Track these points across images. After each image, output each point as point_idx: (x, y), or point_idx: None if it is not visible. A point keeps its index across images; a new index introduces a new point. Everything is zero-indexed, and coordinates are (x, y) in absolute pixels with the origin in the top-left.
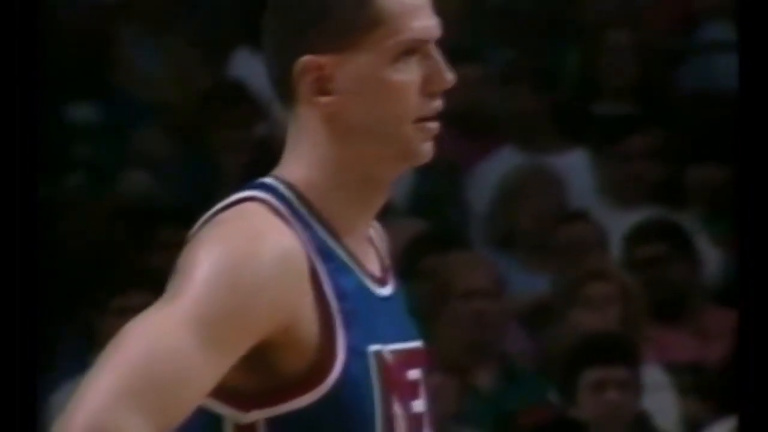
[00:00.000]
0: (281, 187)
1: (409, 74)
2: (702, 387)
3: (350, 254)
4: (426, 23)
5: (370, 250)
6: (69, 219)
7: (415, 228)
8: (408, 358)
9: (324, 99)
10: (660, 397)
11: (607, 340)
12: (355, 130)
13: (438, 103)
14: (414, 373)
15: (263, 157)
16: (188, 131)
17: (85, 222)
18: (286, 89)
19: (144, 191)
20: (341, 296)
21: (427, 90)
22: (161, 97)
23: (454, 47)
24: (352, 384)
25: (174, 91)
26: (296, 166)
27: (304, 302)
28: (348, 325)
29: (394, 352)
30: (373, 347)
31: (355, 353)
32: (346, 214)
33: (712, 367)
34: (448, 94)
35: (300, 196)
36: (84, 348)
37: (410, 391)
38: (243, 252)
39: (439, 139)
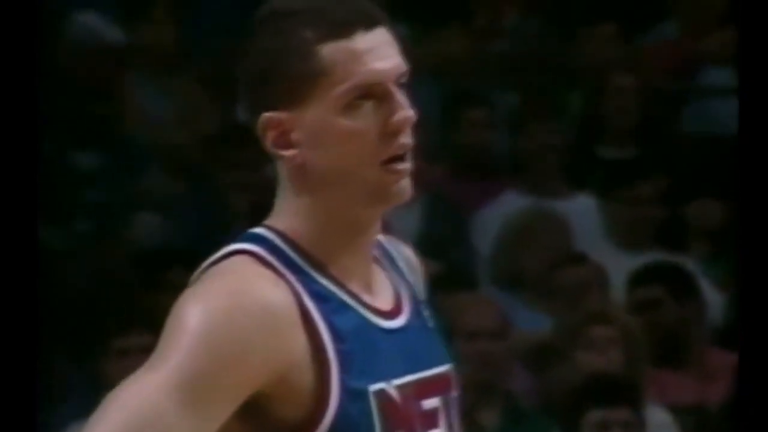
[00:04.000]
0: (272, 237)
1: (363, 119)
2: (704, 428)
3: (349, 293)
4: (377, 65)
5: (380, 284)
6: (78, 262)
7: (427, 269)
8: (422, 389)
9: (287, 153)
10: None
11: (609, 381)
12: (322, 179)
13: (403, 142)
14: (430, 402)
15: (272, 198)
16: (197, 173)
17: (94, 264)
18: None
19: (153, 233)
20: (338, 338)
21: (387, 131)
22: (169, 139)
23: (459, 91)
24: (348, 426)
25: (182, 132)
26: (283, 215)
27: (296, 350)
28: (345, 367)
29: (403, 386)
30: (375, 386)
31: (353, 395)
32: (338, 257)
33: (714, 409)
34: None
35: (292, 243)
36: (89, 389)
37: (425, 421)
38: (223, 311)
39: (440, 181)
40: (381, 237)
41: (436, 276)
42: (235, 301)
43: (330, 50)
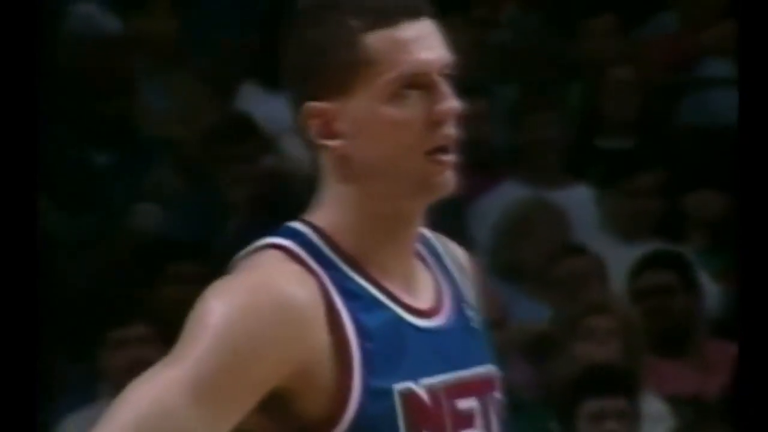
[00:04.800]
0: (306, 231)
1: (408, 108)
2: (701, 419)
3: (383, 290)
4: (423, 55)
5: (421, 282)
6: (78, 255)
7: None
8: (457, 389)
9: (331, 143)
10: (659, 429)
11: (606, 371)
12: (366, 169)
13: (448, 133)
14: (466, 403)
15: (271, 191)
16: (196, 166)
17: (94, 257)
18: (305, 136)
19: (154, 225)
20: (364, 336)
21: (431, 121)
22: (169, 132)
23: (459, 83)
24: (370, 425)
25: (182, 126)
26: (323, 209)
27: (318, 348)
28: (369, 366)
29: (433, 386)
30: (401, 385)
31: (376, 394)
32: (377, 252)
33: (712, 400)
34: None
35: (326, 238)
36: (87, 380)
37: (458, 421)
38: (243, 308)
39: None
40: (428, 233)
41: None
42: (256, 298)
43: (375, 39)
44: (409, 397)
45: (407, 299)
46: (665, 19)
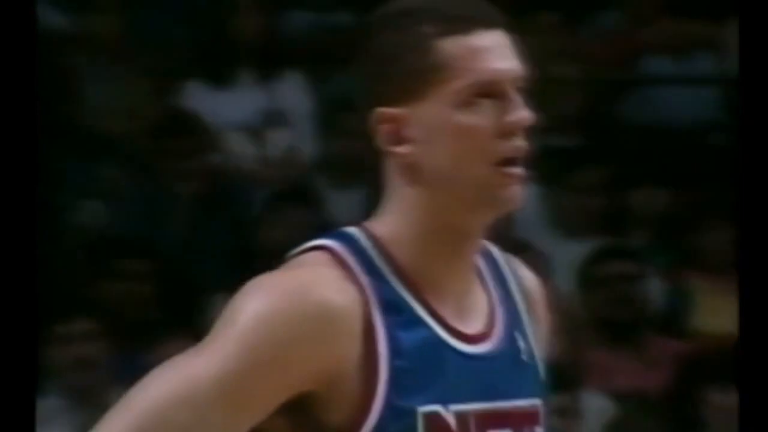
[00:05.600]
0: (361, 238)
1: (479, 117)
2: (643, 414)
3: (428, 308)
4: (496, 64)
5: (474, 303)
6: None
7: None
8: (491, 419)
9: (400, 149)
10: (601, 424)
11: (549, 368)
12: (433, 177)
13: (518, 145)
14: None
15: (216, 187)
16: (141, 162)
17: (40, 251)
18: (371, 142)
19: (99, 222)
20: (397, 352)
21: (502, 131)
22: (115, 128)
23: None
24: None
25: (127, 122)
26: (384, 217)
27: (347, 357)
28: (395, 384)
29: (464, 413)
30: (427, 407)
31: (398, 412)
32: (431, 268)
33: (653, 395)
34: None
35: (380, 248)
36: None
37: None
38: (276, 310)
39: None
40: (498, 253)
41: None
42: (291, 300)
43: (449, 45)
44: (433, 420)
45: (454, 321)
46: (607, 17)
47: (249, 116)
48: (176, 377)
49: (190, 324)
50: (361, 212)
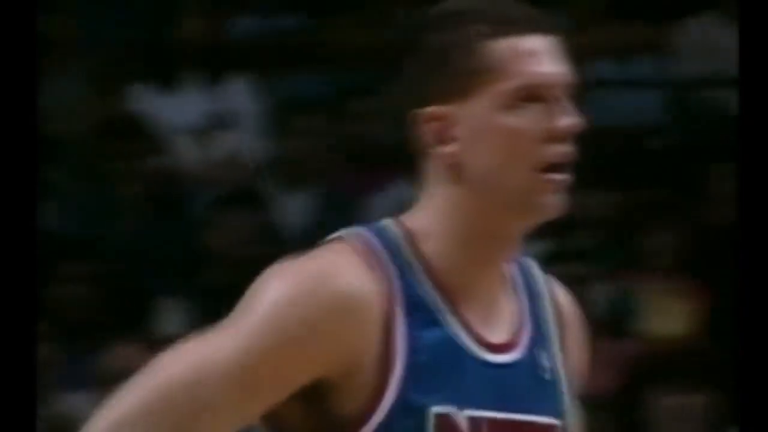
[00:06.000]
0: (394, 231)
1: (526, 119)
2: (589, 418)
3: (453, 310)
4: (545, 69)
5: (502, 313)
6: None
7: None
8: (505, 429)
9: (445, 149)
10: None
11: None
12: (475, 179)
13: (563, 150)
14: None
15: (163, 190)
16: (88, 164)
17: None
18: (412, 141)
19: (46, 224)
20: (415, 349)
21: (548, 136)
22: (61, 130)
23: (349, 82)
24: None
25: (74, 124)
26: (420, 214)
27: (364, 348)
28: (410, 380)
29: (478, 419)
30: (439, 408)
31: (409, 409)
32: (463, 270)
33: (601, 397)
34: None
35: (413, 244)
36: None
37: None
38: (300, 294)
39: (338, 172)
40: (536, 268)
41: None
42: (315, 285)
43: (501, 47)
44: (445, 421)
45: (478, 327)
46: (558, 20)
47: (195, 119)
48: (192, 357)
49: (137, 327)
50: (309, 214)
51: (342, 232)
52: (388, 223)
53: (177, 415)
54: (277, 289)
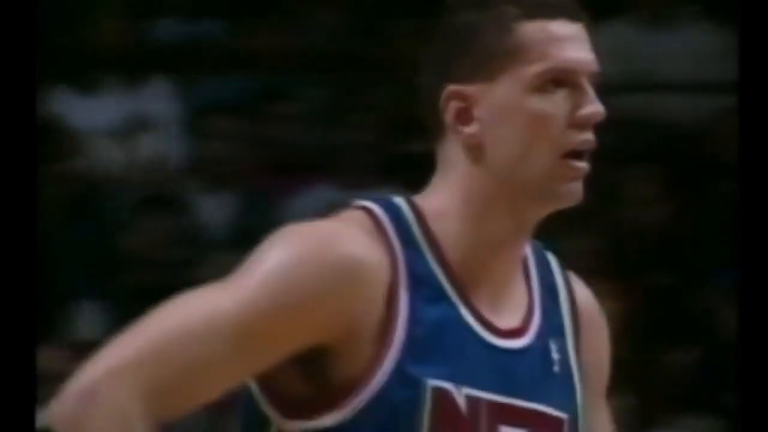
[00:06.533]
0: (404, 206)
1: (553, 104)
2: None
3: (459, 290)
4: (574, 54)
5: (513, 300)
6: None
7: (235, 263)
8: (508, 414)
9: (467, 129)
10: None
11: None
12: (496, 161)
13: (587, 138)
14: (511, 431)
15: (82, 192)
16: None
17: None
18: (433, 119)
19: None
20: (416, 322)
21: (573, 122)
22: None
23: (268, 86)
24: (390, 408)
25: None
26: (435, 193)
27: (366, 316)
28: (409, 350)
29: (478, 399)
30: (437, 382)
31: (405, 379)
32: (474, 252)
33: None
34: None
35: (422, 221)
36: None
37: None
38: (307, 255)
39: (257, 174)
40: (555, 262)
41: None
42: (321, 248)
43: (531, 28)
44: (442, 396)
45: (485, 310)
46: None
47: (115, 121)
48: (195, 309)
49: (56, 330)
50: (229, 217)
51: (353, 203)
52: (399, 200)
53: (171, 367)
54: (282, 250)
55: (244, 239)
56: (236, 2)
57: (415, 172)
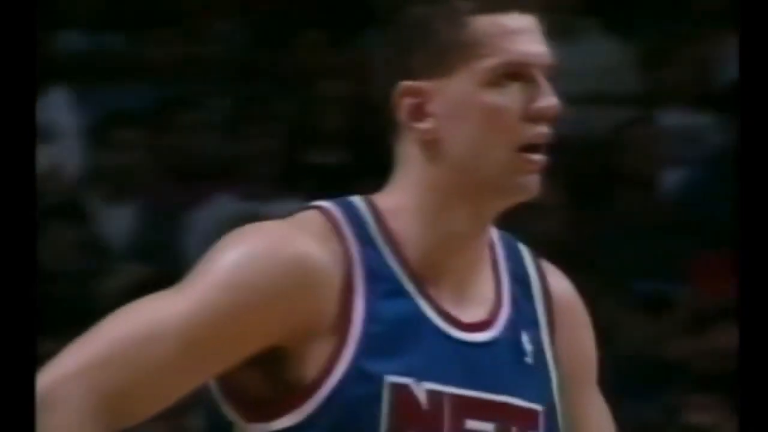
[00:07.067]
0: (360, 205)
1: (508, 98)
2: None
3: (418, 285)
4: (528, 47)
5: (478, 294)
6: None
7: (138, 273)
8: (473, 408)
9: (421, 125)
10: None
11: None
12: (452, 156)
13: (541, 131)
14: (478, 425)
15: None
16: None
17: None
18: (388, 117)
19: None
20: (373, 318)
21: (529, 115)
22: None
23: (170, 96)
24: (347, 405)
25: None
26: (392, 191)
27: (322, 314)
28: (365, 347)
29: (438, 393)
30: (395, 378)
31: (361, 377)
32: (434, 248)
33: None
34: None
35: (379, 219)
36: None
37: None
38: (256, 256)
39: (160, 184)
40: (527, 252)
41: (145, 280)
42: (269, 249)
43: (484, 22)
44: (401, 392)
45: (447, 304)
46: (375, 35)
47: None
48: (144, 315)
49: None
50: (132, 227)
51: (308, 204)
52: (356, 199)
53: (125, 371)
54: (234, 252)
55: (147, 250)
56: (138, 13)
57: (317, 182)
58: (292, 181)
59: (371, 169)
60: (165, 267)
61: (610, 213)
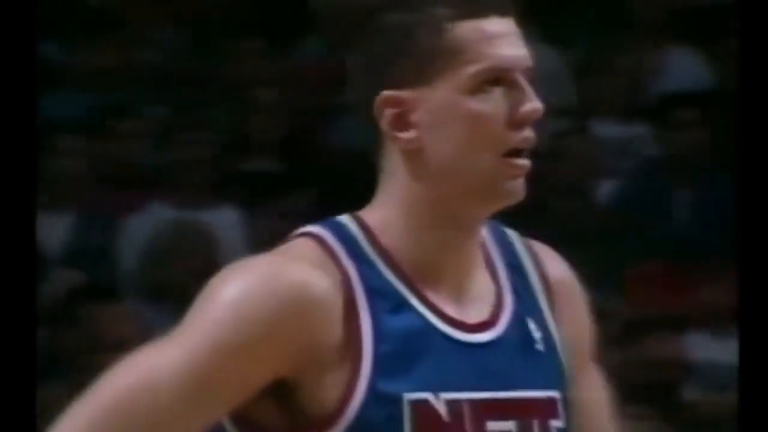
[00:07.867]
0: (350, 225)
1: (491, 104)
2: None
3: (419, 295)
4: (509, 52)
5: (477, 293)
6: None
7: (72, 279)
8: (492, 409)
9: (404, 135)
10: None
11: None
12: (437, 165)
13: (526, 136)
14: (500, 425)
15: None
16: None
17: None
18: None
19: None
20: (382, 337)
21: (512, 121)
22: None
23: (107, 102)
24: (371, 430)
25: None
26: (379, 205)
27: (329, 341)
28: (380, 369)
29: (457, 402)
30: (414, 395)
31: (382, 399)
32: (427, 256)
33: None
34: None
35: (370, 235)
36: None
37: None
38: (253, 292)
39: (95, 192)
40: (518, 240)
41: (80, 288)
42: (265, 284)
43: (464, 29)
44: (422, 408)
45: (450, 309)
46: (312, 43)
47: None
48: (141, 367)
49: None
50: (67, 235)
51: (297, 231)
52: (344, 218)
53: (130, 422)
54: (231, 288)
55: (81, 256)
56: (74, 20)
57: (251, 190)
58: (226, 189)
59: (304, 177)
60: (99, 274)
61: (545, 222)
